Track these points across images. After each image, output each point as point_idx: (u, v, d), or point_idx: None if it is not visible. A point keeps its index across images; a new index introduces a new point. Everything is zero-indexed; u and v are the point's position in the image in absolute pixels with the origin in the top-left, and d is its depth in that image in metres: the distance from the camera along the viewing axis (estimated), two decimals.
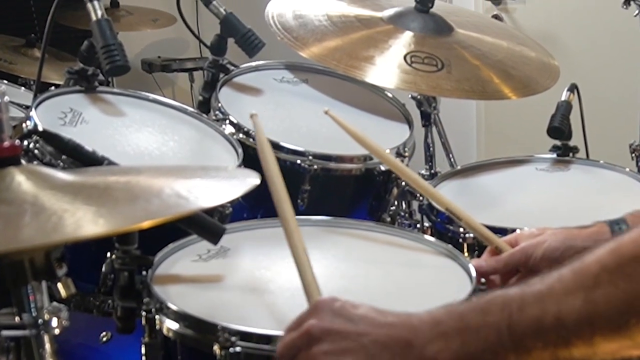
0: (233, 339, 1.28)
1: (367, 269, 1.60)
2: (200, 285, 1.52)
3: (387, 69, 2.17)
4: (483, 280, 1.58)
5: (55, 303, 1.18)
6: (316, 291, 1.30)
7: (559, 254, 1.52)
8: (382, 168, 2.08)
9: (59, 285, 1.19)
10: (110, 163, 1.63)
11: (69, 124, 1.89)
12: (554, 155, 2.34)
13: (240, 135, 2.06)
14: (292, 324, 1.22)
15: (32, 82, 3.58)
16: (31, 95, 2.44)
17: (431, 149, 2.61)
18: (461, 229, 1.91)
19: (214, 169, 1.71)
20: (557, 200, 2.10)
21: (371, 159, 2.06)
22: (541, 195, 2.14)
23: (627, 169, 2.25)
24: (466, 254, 1.63)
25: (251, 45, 2.31)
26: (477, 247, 1.86)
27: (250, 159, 1.92)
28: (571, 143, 2.35)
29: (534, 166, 2.32)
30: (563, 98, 2.40)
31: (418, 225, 2.45)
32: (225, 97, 2.22)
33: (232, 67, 2.35)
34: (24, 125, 1.81)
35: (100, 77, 2.06)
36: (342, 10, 2.35)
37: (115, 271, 1.47)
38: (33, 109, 1.84)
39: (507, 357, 1.11)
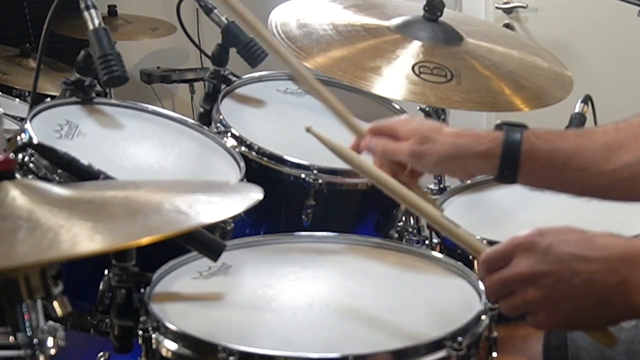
0: (233, 359, 1.25)
1: (373, 287, 1.58)
2: (200, 304, 1.50)
3: (394, 79, 2.13)
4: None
5: (51, 322, 1.19)
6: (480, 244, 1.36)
7: (445, 165, 1.53)
8: None
9: (55, 303, 1.21)
10: (107, 177, 1.61)
11: (65, 136, 1.87)
12: None
13: (243, 148, 2.04)
14: (497, 253, 1.27)
15: (27, 94, 3.56)
16: (26, 107, 2.42)
17: None
18: None
19: (215, 183, 1.69)
20: (570, 215, 2.02)
21: None
22: (554, 210, 2.09)
23: None
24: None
25: (254, 55, 2.30)
26: None
27: (253, 173, 1.91)
28: None
29: None
30: (577, 110, 2.38)
31: (427, 242, 2.41)
32: (227, 108, 2.20)
33: (234, 78, 2.34)
34: (18, 138, 1.79)
35: (98, 88, 2.03)
36: (348, 19, 2.31)
37: (113, 289, 1.47)
38: (28, 121, 1.81)
39: None
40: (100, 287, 1.51)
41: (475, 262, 1.83)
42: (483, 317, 1.41)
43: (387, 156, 1.56)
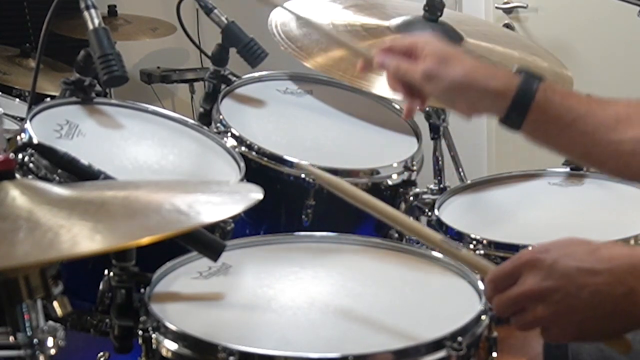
0: (233, 359, 1.25)
1: (373, 287, 1.57)
2: (200, 304, 1.50)
3: None
4: None
5: (51, 322, 1.19)
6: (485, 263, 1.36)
7: (456, 94, 1.52)
8: (390, 182, 2.07)
9: (55, 303, 1.20)
10: (107, 177, 1.60)
11: (65, 136, 1.86)
12: (567, 169, 2.29)
13: (243, 148, 2.03)
14: (504, 272, 1.27)
15: (26, 93, 3.53)
16: (26, 106, 2.40)
17: (440, 162, 2.55)
18: (471, 246, 1.88)
19: (215, 183, 1.69)
20: (571, 215, 2.06)
21: (378, 173, 2.04)
22: (554, 210, 2.09)
23: None
24: (476, 271, 1.60)
25: (254, 55, 2.29)
26: None
27: (253, 173, 1.91)
28: None
29: (547, 180, 2.27)
30: None
31: None
32: (227, 108, 2.19)
33: (234, 78, 2.33)
34: (18, 138, 1.78)
35: (98, 88, 2.03)
36: (348, 19, 2.31)
37: (113, 289, 1.47)
38: (28, 121, 1.81)
39: None
40: (100, 287, 1.50)
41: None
42: (483, 317, 1.41)
43: (399, 75, 1.57)
